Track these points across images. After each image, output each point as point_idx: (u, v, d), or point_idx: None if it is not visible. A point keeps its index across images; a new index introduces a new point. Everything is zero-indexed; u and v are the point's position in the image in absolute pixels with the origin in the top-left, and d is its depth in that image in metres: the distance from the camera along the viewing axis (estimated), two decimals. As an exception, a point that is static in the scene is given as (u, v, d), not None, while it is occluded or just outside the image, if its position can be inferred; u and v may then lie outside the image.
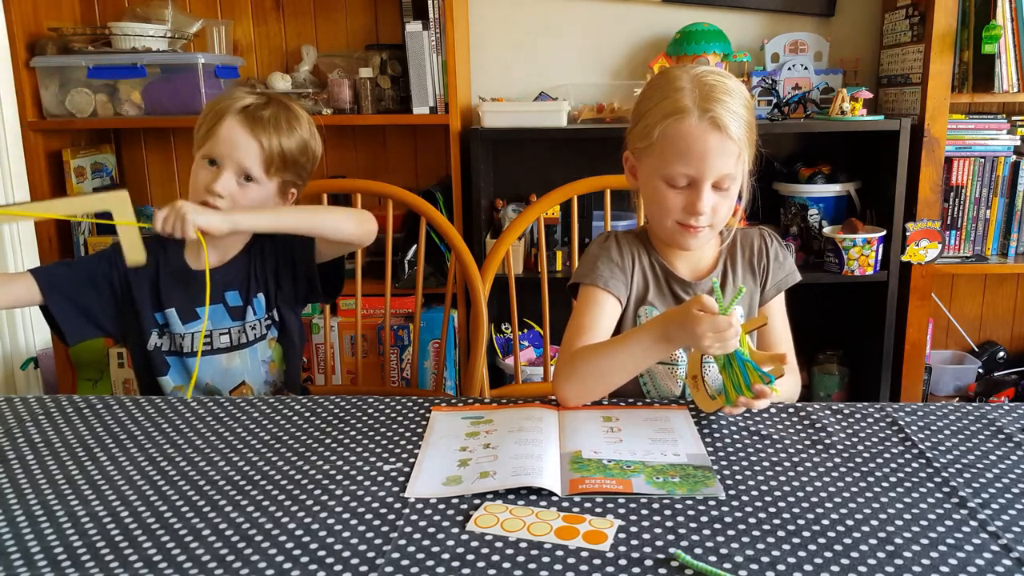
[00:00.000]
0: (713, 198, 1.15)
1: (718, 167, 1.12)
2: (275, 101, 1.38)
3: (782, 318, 1.29)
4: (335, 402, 1.15)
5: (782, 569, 0.73)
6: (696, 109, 1.11)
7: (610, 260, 1.25)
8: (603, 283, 1.22)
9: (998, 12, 2.10)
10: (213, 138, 1.33)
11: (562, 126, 2.22)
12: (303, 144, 1.38)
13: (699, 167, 1.12)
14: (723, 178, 1.14)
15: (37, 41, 2.23)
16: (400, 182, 1.73)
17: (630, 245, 1.27)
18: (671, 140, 1.13)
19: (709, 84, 1.13)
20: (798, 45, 2.40)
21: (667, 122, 1.12)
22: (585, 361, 1.11)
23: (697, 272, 1.26)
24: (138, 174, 2.60)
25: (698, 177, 1.13)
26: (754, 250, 1.28)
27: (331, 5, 2.47)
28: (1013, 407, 1.11)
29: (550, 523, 0.81)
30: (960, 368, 2.47)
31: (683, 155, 1.12)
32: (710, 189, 1.14)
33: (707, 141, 1.11)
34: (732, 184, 1.15)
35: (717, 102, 1.11)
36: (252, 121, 1.33)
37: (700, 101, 1.11)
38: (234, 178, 1.32)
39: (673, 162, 1.13)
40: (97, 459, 0.98)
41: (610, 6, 2.47)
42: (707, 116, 1.11)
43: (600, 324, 1.20)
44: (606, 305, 1.22)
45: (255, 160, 1.33)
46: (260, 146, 1.32)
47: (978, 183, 2.31)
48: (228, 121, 1.32)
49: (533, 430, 1.03)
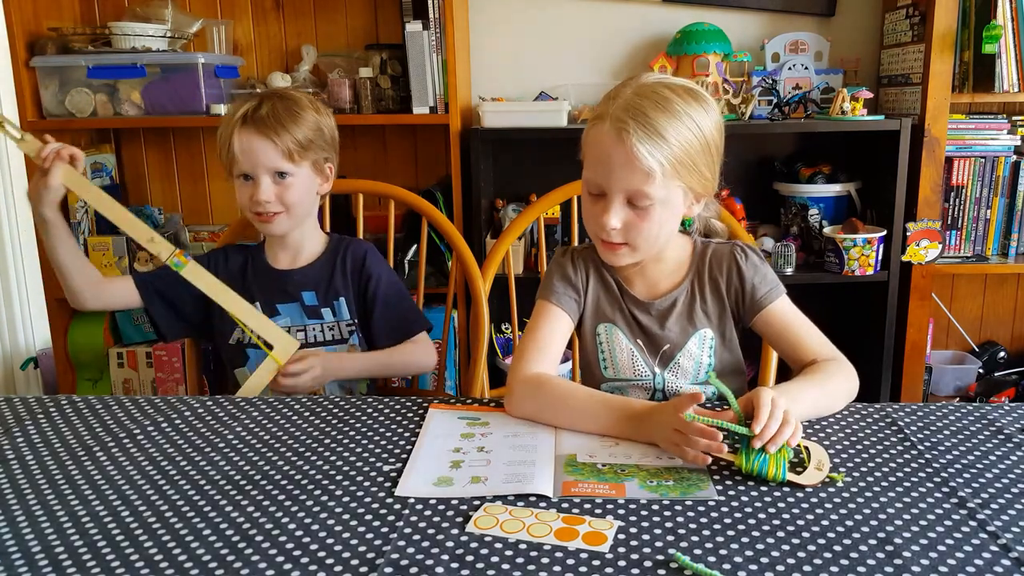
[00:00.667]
0: (626, 214, 1.10)
1: (624, 181, 1.07)
2: (268, 96, 1.42)
3: (793, 323, 1.20)
4: (335, 402, 1.15)
5: (781, 570, 0.73)
6: (610, 117, 1.07)
7: (563, 276, 1.23)
8: (555, 299, 1.21)
9: (998, 12, 2.10)
10: (233, 156, 1.38)
11: (562, 126, 2.22)
12: (312, 123, 1.42)
13: (604, 177, 1.09)
14: (635, 195, 1.08)
15: (37, 41, 2.22)
16: (400, 182, 1.73)
17: (585, 261, 1.25)
18: (588, 144, 1.12)
19: (644, 96, 1.07)
20: (798, 45, 2.40)
21: (589, 126, 1.12)
22: (549, 397, 1.08)
23: (655, 292, 1.22)
24: (138, 174, 2.60)
25: (604, 187, 1.09)
26: (722, 272, 1.21)
27: (331, 5, 2.47)
28: (1013, 407, 1.11)
29: (549, 524, 0.81)
30: (960, 368, 2.47)
31: (594, 162, 1.10)
32: (621, 204, 1.09)
33: (610, 152, 1.07)
34: (651, 205, 1.08)
35: (636, 116, 1.05)
36: (255, 124, 1.37)
37: (619, 111, 1.06)
38: (270, 181, 1.38)
39: (588, 167, 1.12)
40: (97, 459, 0.98)
41: (610, 6, 2.47)
42: (616, 127, 1.06)
43: (554, 341, 1.19)
44: (559, 321, 1.20)
45: (277, 157, 1.37)
46: (273, 143, 1.37)
47: (978, 183, 2.31)
48: (237, 135, 1.38)
49: (528, 435, 1.03)
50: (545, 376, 1.12)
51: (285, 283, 1.45)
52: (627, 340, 1.22)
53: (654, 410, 1.01)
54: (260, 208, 1.38)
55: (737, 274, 1.21)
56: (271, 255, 1.49)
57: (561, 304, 1.21)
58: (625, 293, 1.23)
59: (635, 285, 1.23)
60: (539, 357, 1.16)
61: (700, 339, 1.21)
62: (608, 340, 1.23)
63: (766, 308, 1.19)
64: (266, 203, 1.37)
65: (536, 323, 1.21)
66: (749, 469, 0.91)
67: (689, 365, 1.21)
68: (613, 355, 1.23)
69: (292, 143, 1.37)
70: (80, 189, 1.39)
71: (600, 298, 1.24)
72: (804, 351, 1.17)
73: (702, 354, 1.22)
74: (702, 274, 1.22)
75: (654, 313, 1.21)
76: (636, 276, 1.23)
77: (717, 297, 1.22)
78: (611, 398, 1.08)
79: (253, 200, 1.38)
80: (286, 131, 1.37)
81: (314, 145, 1.42)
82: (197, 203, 2.60)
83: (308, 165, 1.41)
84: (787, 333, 1.19)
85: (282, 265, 1.47)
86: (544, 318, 1.21)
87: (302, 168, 1.40)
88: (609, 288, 1.24)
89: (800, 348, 1.18)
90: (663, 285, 1.22)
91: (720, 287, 1.22)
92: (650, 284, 1.23)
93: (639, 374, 1.22)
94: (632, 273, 1.23)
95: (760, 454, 0.91)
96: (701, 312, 1.21)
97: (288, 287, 1.45)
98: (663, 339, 1.21)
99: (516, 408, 1.10)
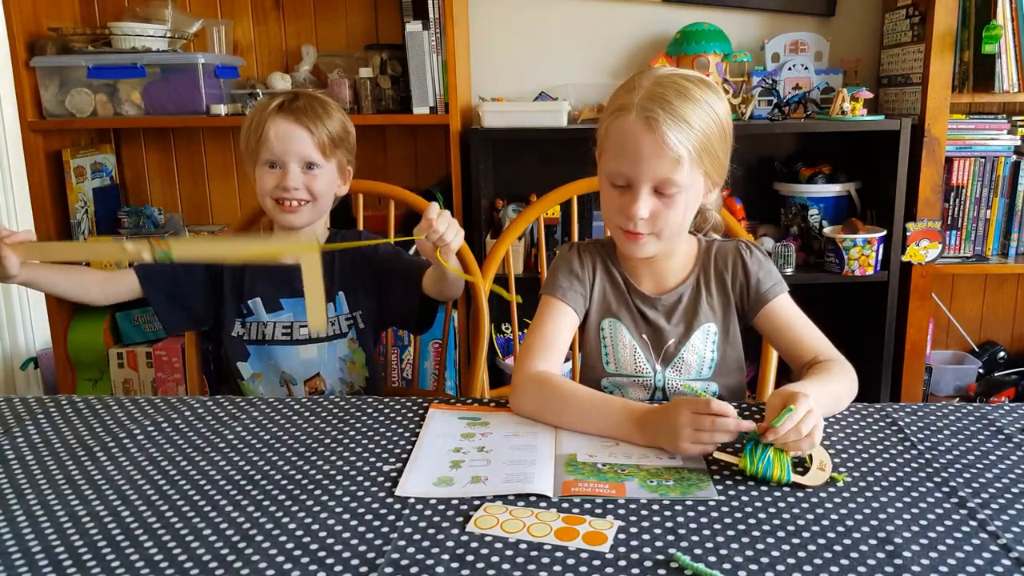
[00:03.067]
0: (653, 203, 1.10)
1: (654, 170, 1.08)
2: (302, 94, 1.45)
3: (795, 320, 1.21)
4: (335, 402, 1.15)
5: (781, 570, 0.73)
6: (636, 107, 1.07)
7: (570, 272, 1.23)
8: (561, 294, 1.21)
9: (998, 12, 2.10)
10: (266, 143, 1.38)
11: (562, 126, 2.22)
12: (341, 123, 1.45)
13: (633, 167, 1.09)
14: (663, 183, 1.09)
15: (37, 41, 2.22)
16: (400, 182, 1.73)
17: (592, 256, 1.25)
18: (612, 136, 1.11)
19: (664, 85, 1.08)
20: (798, 45, 2.40)
21: (612, 118, 1.11)
22: (552, 396, 1.08)
23: (662, 287, 1.23)
24: (138, 174, 2.60)
25: (632, 178, 1.10)
26: (727, 267, 1.22)
27: (331, 5, 2.47)
28: (1013, 407, 1.11)
29: (550, 524, 0.81)
30: (960, 368, 2.47)
31: (620, 153, 1.10)
32: (649, 193, 1.09)
33: (641, 141, 1.07)
34: (678, 192, 1.10)
35: (662, 104, 1.06)
36: (294, 113, 1.39)
37: (644, 101, 1.07)
38: (299, 170, 1.39)
39: (613, 159, 1.11)
40: (97, 459, 0.98)
41: (610, 6, 2.47)
42: (644, 115, 1.06)
43: (559, 337, 1.19)
44: (564, 317, 1.21)
45: (311, 147, 1.39)
46: (310, 132, 1.39)
47: (978, 183, 2.31)
48: (272, 122, 1.38)
49: (528, 435, 1.03)
50: (548, 375, 1.12)
51: (291, 278, 1.44)
52: (631, 336, 1.22)
53: (660, 412, 0.99)
54: (287, 195, 1.38)
55: (742, 269, 1.22)
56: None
57: (567, 299, 1.21)
58: (632, 288, 1.23)
59: (643, 280, 1.23)
60: (544, 354, 1.16)
61: (704, 334, 1.22)
62: (612, 335, 1.23)
63: (770, 303, 1.20)
64: (294, 189, 1.37)
65: (542, 319, 1.21)
66: (754, 471, 0.91)
67: (693, 360, 1.22)
68: (616, 350, 1.23)
69: (327, 136, 1.40)
70: (40, 254, 1.37)
71: (606, 293, 1.24)
72: (805, 349, 1.18)
73: (705, 349, 1.22)
74: (707, 270, 1.23)
75: (661, 308, 1.22)
76: (644, 271, 1.23)
77: (722, 292, 1.23)
78: (613, 400, 1.07)
79: (280, 187, 1.38)
80: (322, 123, 1.39)
81: (343, 144, 1.44)
82: (197, 203, 2.60)
83: (335, 162, 1.44)
84: (789, 330, 1.20)
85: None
86: (550, 314, 1.21)
87: (330, 163, 1.43)
88: (615, 283, 1.24)
89: (801, 346, 1.18)
90: (670, 280, 1.23)
91: (725, 282, 1.23)
92: (658, 279, 1.23)
93: (640, 371, 1.22)
94: (641, 268, 1.23)
95: (764, 456, 0.91)
96: (706, 307, 1.22)
97: (294, 282, 1.43)
98: (669, 334, 1.22)
99: (519, 406, 1.10)
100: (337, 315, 1.46)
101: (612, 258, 1.25)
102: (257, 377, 1.47)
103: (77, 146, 2.39)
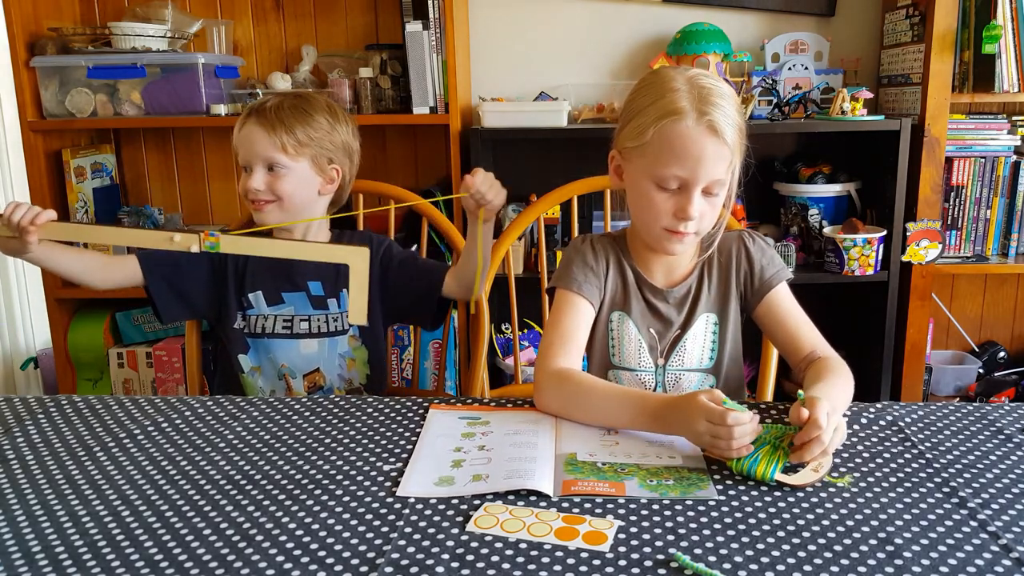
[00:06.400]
0: (701, 203, 1.13)
1: (711, 172, 1.11)
2: (288, 95, 1.47)
3: (794, 310, 1.23)
4: (335, 402, 1.15)
5: (781, 570, 0.73)
6: (693, 111, 1.09)
7: (584, 264, 1.24)
8: (577, 287, 1.21)
9: (998, 12, 2.10)
10: (238, 147, 1.43)
11: (562, 126, 2.22)
12: (320, 124, 1.44)
13: (693, 170, 1.11)
14: (713, 183, 1.12)
15: (37, 41, 2.22)
16: (400, 182, 1.73)
17: (604, 249, 1.26)
18: (666, 141, 1.11)
19: (706, 88, 1.11)
20: (798, 45, 2.40)
21: (663, 123, 1.10)
22: (576, 392, 1.09)
23: (671, 279, 1.25)
24: (138, 174, 2.60)
25: (690, 180, 1.11)
26: (731, 256, 1.25)
27: (331, 5, 2.47)
28: (1013, 407, 1.11)
29: (550, 524, 0.81)
30: (960, 368, 2.47)
31: (678, 157, 1.10)
32: (700, 194, 1.12)
33: (703, 145, 1.09)
34: (721, 190, 1.14)
35: (714, 106, 1.10)
36: (259, 116, 1.41)
37: (697, 104, 1.09)
38: (263, 172, 1.41)
39: (667, 164, 1.11)
40: (97, 459, 0.98)
41: (610, 6, 2.47)
42: (704, 119, 1.09)
43: (578, 331, 1.19)
44: (582, 310, 1.21)
45: (270, 147, 1.40)
46: (267, 134, 1.40)
47: (978, 183, 2.31)
48: (240, 127, 1.43)
49: (529, 433, 1.03)
50: (569, 372, 1.12)
51: (292, 272, 1.46)
52: (636, 331, 1.24)
53: (679, 403, 0.99)
54: (251, 195, 1.41)
55: (746, 256, 1.24)
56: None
57: (583, 292, 1.21)
58: (643, 281, 1.25)
59: (655, 273, 1.25)
60: (564, 350, 1.16)
61: (704, 323, 1.24)
62: (619, 329, 1.25)
63: (774, 289, 1.22)
64: (256, 191, 1.40)
65: (559, 314, 1.21)
66: (739, 469, 0.91)
67: (695, 349, 1.23)
68: (621, 344, 1.24)
69: (287, 136, 1.40)
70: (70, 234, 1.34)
71: (617, 286, 1.25)
72: (802, 342, 1.20)
73: (705, 339, 1.24)
74: (712, 260, 1.25)
75: (671, 300, 1.24)
76: (657, 264, 1.25)
77: (726, 282, 1.25)
78: (632, 392, 1.09)
79: (246, 190, 1.41)
80: (283, 125, 1.40)
81: (314, 143, 1.43)
82: (197, 203, 2.60)
83: (306, 161, 1.43)
84: (787, 322, 1.22)
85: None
86: (567, 308, 1.21)
87: (298, 163, 1.42)
88: (626, 277, 1.25)
89: (799, 338, 1.20)
90: (678, 272, 1.25)
91: (730, 271, 1.24)
92: (668, 272, 1.25)
93: (642, 366, 1.23)
94: (653, 261, 1.25)
95: (753, 454, 0.91)
96: (707, 297, 1.24)
97: (295, 276, 1.47)
98: (677, 325, 1.24)
99: (545, 404, 1.11)
100: (341, 312, 1.47)
101: (624, 251, 1.26)
102: (256, 371, 1.47)
103: (77, 146, 2.39)
